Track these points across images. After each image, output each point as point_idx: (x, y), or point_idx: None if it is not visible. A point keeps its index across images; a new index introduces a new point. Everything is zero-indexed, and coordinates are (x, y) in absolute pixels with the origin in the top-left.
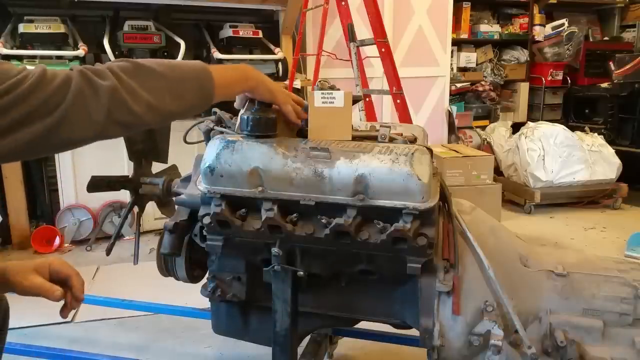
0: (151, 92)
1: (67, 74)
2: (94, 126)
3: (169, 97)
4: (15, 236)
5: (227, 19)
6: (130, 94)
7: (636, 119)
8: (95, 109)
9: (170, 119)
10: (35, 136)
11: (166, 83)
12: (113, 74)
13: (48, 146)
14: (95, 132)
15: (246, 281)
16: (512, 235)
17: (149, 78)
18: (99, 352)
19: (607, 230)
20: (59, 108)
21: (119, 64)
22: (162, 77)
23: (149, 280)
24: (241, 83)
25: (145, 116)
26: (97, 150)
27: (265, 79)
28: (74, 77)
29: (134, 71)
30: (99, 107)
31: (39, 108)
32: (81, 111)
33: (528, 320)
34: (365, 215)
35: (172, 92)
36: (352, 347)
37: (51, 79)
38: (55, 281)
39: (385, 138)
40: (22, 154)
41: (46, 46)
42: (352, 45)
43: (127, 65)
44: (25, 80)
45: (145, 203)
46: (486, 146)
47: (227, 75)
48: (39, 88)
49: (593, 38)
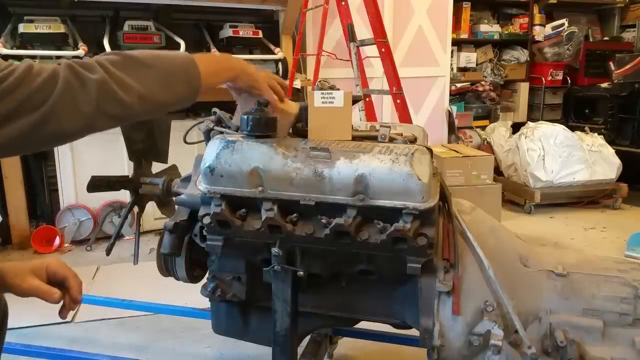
0: (140, 83)
1: (54, 68)
2: (83, 119)
3: (158, 87)
4: (15, 236)
5: (227, 19)
6: (120, 85)
7: (636, 119)
8: (84, 101)
9: (160, 110)
10: (22, 131)
11: (155, 73)
12: (101, 67)
13: (38, 140)
14: (84, 124)
15: (246, 281)
16: (512, 235)
17: (138, 69)
18: (99, 352)
19: (607, 230)
20: (46, 102)
21: (108, 57)
22: (151, 67)
23: (149, 280)
24: (225, 72)
25: (136, 107)
26: (97, 150)
27: (247, 67)
28: (61, 70)
29: (122, 63)
30: (88, 100)
31: (25, 102)
32: (69, 104)
33: (528, 320)
34: (365, 215)
35: (161, 82)
36: (352, 347)
37: (37, 74)
38: (53, 283)
39: (385, 138)
40: (11, 149)
41: (46, 46)
42: (352, 45)
43: (115, 57)
44: (11, 75)
45: (145, 203)
46: (486, 146)
47: (212, 65)
48: (24, 82)
49: (593, 38)
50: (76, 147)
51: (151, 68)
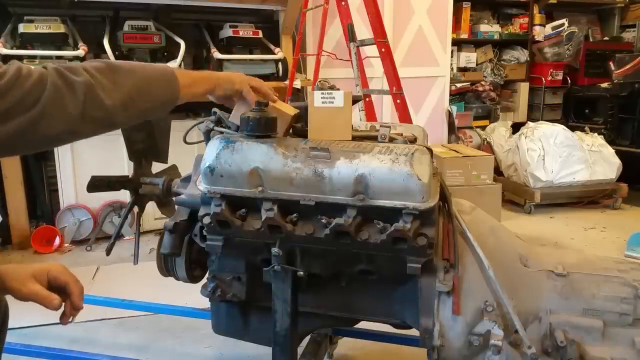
0: (123, 89)
1: (41, 71)
2: (70, 122)
3: (139, 95)
4: (15, 236)
5: (227, 19)
6: (104, 90)
7: (636, 119)
8: (72, 104)
9: (141, 116)
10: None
11: (137, 81)
12: (87, 72)
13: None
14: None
15: (246, 281)
16: (512, 235)
17: (120, 76)
18: (99, 352)
19: (607, 230)
20: (36, 104)
21: (92, 64)
22: (133, 75)
23: (149, 280)
24: (203, 82)
25: (118, 112)
26: (97, 150)
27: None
28: (49, 74)
29: (106, 70)
30: (75, 102)
31: (17, 104)
32: (58, 106)
33: (528, 320)
34: (365, 215)
35: (142, 90)
36: (352, 347)
37: (27, 76)
38: (53, 288)
39: (385, 138)
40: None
41: (46, 46)
42: (352, 45)
43: (99, 64)
44: (3, 77)
45: (145, 203)
46: (486, 146)
47: (190, 76)
48: (17, 84)
49: (593, 38)
50: (76, 147)
51: (133, 75)
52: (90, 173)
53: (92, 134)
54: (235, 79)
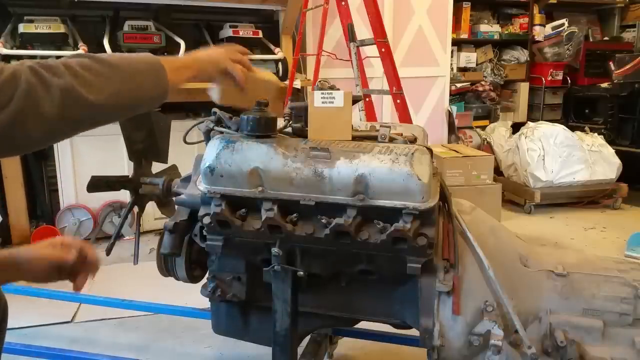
0: (110, 82)
1: (15, 69)
2: (47, 124)
3: (127, 86)
4: (15, 236)
5: (227, 19)
6: (88, 86)
7: (636, 119)
8: (47, 105)
9: (131, 109)
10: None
11: (124, 72)
12: (68, 69)
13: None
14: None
15: (246, 281)
16: (512, 235)
17: (107, 69)
18: (99, 352)
19: (607, 230)
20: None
21: (75, 59)
22: (119, 67)
23: (149, 280)
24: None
25: (106, 107)
26: (97, 150)
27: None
28: (23, 72)
29: (90, 64)
30: (51, 105)
31: None
32: (32, 108)
33: (528, 320)
34: (365, 215)
35: (130, 80)
36: (352, 347)
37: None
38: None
39: (385, 138)
40: None
41: (46, 46)
42: (352, 45)
43: (84, 59)
44: None
45: (145, 203)
46: (486, 146)
47: (175, 61)
48: None
49: (593, 38)
50: (76, 147)
51: (119, 68)
52: (90, 173)
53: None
54: (218, 58)
